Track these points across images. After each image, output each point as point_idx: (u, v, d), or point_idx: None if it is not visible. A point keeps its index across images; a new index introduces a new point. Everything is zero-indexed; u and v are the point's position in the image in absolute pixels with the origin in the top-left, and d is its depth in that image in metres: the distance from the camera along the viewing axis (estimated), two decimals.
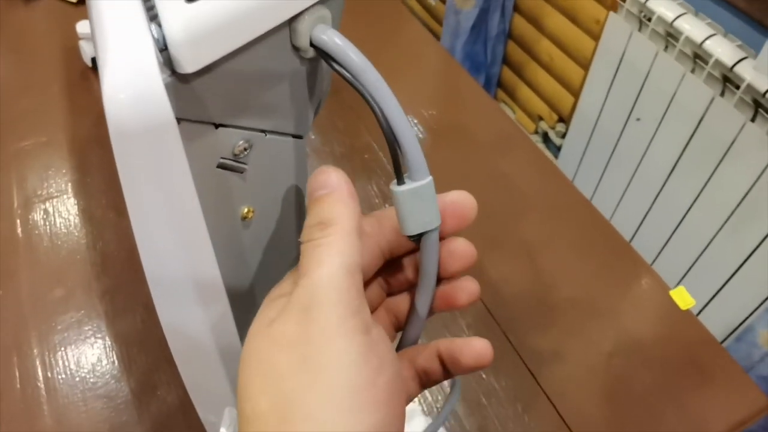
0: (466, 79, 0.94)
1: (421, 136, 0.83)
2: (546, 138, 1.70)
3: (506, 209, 0.74)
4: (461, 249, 0.28)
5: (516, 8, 1.63)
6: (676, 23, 1.18)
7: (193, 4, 0.19)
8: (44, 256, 0.67)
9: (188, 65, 0.19)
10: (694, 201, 1.26)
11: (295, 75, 0.25)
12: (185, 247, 0.24)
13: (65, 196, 0.74)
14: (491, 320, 0.63)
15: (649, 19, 1.23)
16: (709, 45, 1.13)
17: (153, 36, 0.19)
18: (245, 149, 0.24)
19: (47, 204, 0.73)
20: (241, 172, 0.25)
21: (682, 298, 0.70)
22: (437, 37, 2.05)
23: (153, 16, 0.19)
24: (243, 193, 0.26)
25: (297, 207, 0.30)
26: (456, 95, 0.93)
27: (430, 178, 0.25)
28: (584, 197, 0.77)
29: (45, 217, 0.71)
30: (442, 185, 0.27)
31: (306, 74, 0.25)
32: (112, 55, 0.18)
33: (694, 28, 1.16)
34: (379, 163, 0.80)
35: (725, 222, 1.20)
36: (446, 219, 0.26)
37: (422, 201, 0.25)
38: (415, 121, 0.85)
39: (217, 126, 0.23)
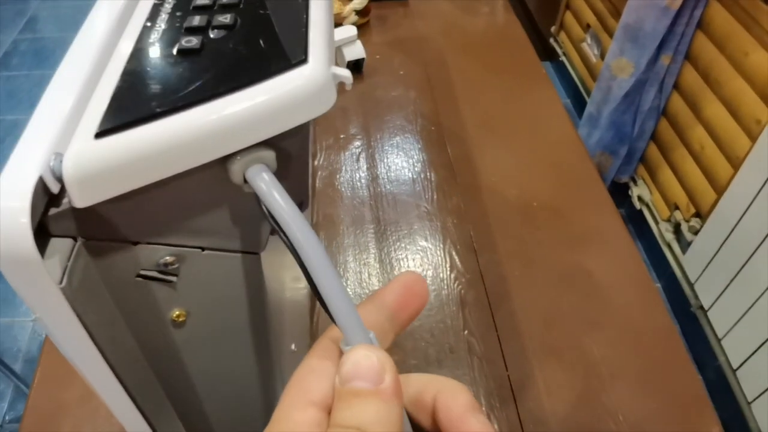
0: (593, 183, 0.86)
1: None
2: (677, 229, 1.56)
3: (577, 314, 0.68)
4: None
5: (676, 86, 1.51)
6: None
7: (101, 141, 0.19)
8: None
9: (78, 202, 0.19)
10: None
11: (239, 201, 0.24)
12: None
13: None
14: None
15: None
16: None
17: (50, 167, 0.19)
18: (172, 263, 0.24)
19: None
20: (170, 283, 0.25)
21: None
22: (588, 92, 1.94)
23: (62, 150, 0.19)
24: (173, 298, 0.26)
25: (249, 316, 0.29)
26: (574, 187, 0.85)
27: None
28: (672, 323, 0.68)
29: None
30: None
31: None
32: (7, 172, 0.19)
33: None
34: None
35: None
36: (401, 306, 0.24)
37: None
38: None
39: (135, 243, 0.23)
